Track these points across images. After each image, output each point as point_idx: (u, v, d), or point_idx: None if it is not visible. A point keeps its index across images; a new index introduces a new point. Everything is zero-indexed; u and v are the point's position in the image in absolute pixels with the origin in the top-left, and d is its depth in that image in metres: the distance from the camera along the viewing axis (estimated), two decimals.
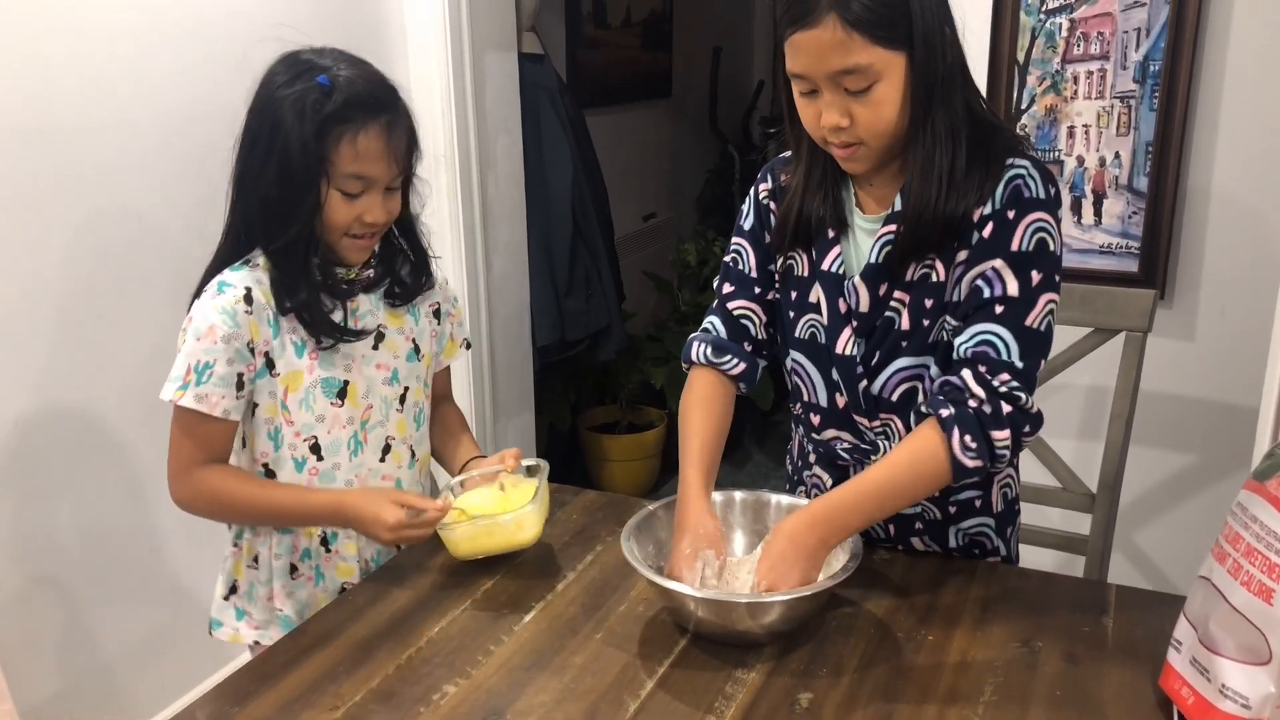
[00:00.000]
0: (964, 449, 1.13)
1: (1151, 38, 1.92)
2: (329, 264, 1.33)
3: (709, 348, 1.36)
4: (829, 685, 1.09)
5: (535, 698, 1.08)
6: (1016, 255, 1.16)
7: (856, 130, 1.15)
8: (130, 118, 1.89)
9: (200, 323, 1.27)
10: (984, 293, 1.17)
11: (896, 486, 1.18)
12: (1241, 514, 0.99)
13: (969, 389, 1.15)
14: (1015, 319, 1.16)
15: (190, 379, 1.26)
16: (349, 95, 1.24)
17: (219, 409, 1.27)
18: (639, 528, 1.24)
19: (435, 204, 2.54)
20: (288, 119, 1.23)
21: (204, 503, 1.33)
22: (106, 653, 1.98)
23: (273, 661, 1.16)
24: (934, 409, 1.15)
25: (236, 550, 1.41)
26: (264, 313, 1.29)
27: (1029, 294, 1.16)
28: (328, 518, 1.34)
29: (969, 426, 1.13)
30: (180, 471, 1.31)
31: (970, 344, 1.17)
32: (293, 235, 1.27)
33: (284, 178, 1.25)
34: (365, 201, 1.28)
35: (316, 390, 1.34)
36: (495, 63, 2.63)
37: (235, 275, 1.30)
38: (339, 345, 1.34)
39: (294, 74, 1.26)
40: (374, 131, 1.26)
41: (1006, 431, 1.14)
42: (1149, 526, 2.16)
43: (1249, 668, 0.96)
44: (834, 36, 1.09)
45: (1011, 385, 1.15)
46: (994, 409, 1.14)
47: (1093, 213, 2.03)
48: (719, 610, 1.13)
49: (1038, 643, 1.16)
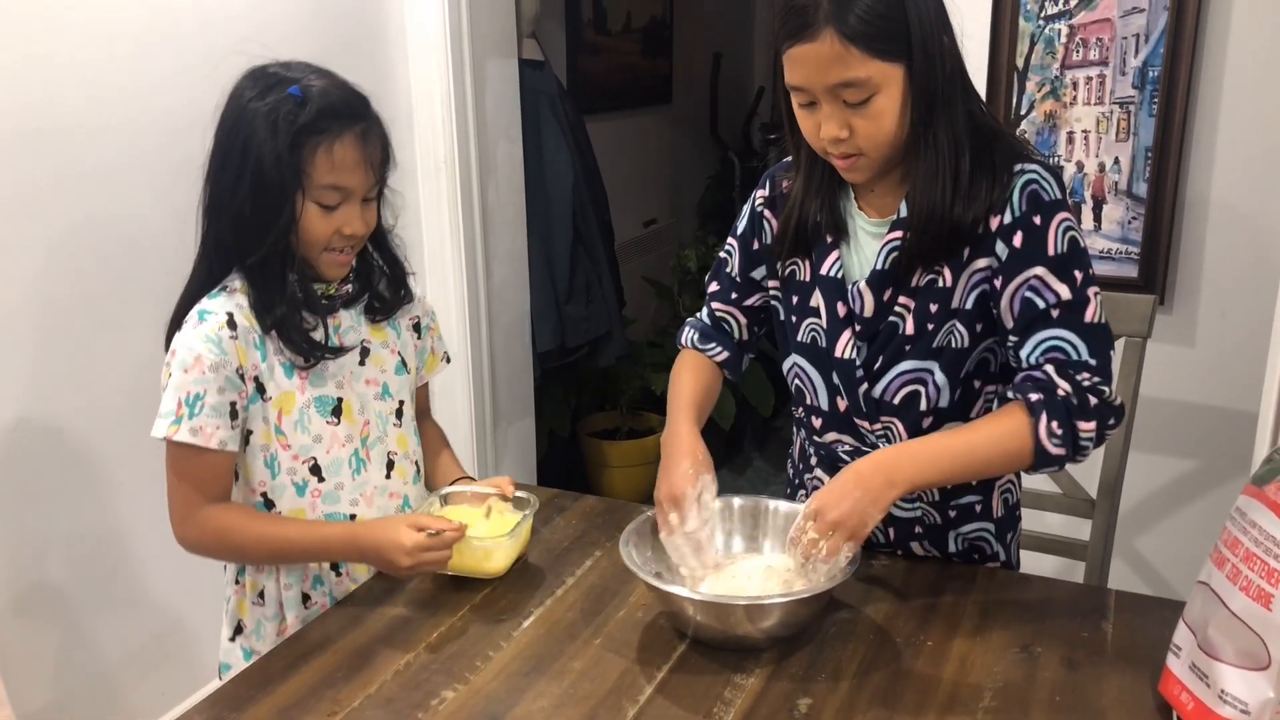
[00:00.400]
0: (1050, 435, 1.12)
1: (1150, 43, 1.92)
2: (307, 280, 1.30)
3: (696, 334, 1.44)
4: (828, 690, 1.09)
5: (534, 703, 1.08)
6: (1056, 259, 1.16)
7: (856, 141, 1.16)
8: (129, 121, 1.89)
9: (185, 354, 1.23)
10: (1037, 304, 1.17)
11: (975, 454, 1.16)
12: (1240, 519, 0.99)
13: (1055, 381, 1.14)
14: (1076, 320, 1.16)
15: (182, 413, 1.22)
16: (322, 105, 1.22)
17: (215, 440, 1.23)
18: (638, 533, 1.24)
19: (435, 210, 2.54)
20: (260, 132, 1.21)
21: (212, 544, 1.29)
22: (105, 660, 1.97)
23: (270, 668, 1.16)
24: (1021, 394, 1.14)
25: (239, 588, 1.37)
26: (249, 336, 1.26)
27: (1079, 293, 1.16)
28: (342, 550, 1.30)
29: (1058, 413, 1.13)
30: (184, 515, 1.27)
31: (1039, 353, 1.17)
32: (268, 251, 1.24)
33: (258, 192, 1.22)
34: (343, 213, 1.26)
35: (310, 410, 1.31)
36: (495, 69, 2.64)
37: (214, 303, 1.26)
38: (327, 363, 1.32)
39: (263, 87, 1.23)
40: (349, 141, 1.24)
41: (1093, 424, 1.14)
42: (1149, 532, 2.15)
43: (1248, 673, 0.96)
44: (832, 50, 1.10)
45: (1095, 381, 1.15)
46: (1080, 401, 1.13)
47: (1092, 218, 2.04)
48: (718, 614, 1.13)
49: (1037, 648, 1.15)
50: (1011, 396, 1.16)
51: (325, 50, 2.26)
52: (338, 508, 1.34)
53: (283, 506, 1.32)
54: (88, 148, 1.83)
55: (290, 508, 1.32)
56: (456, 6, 2.44)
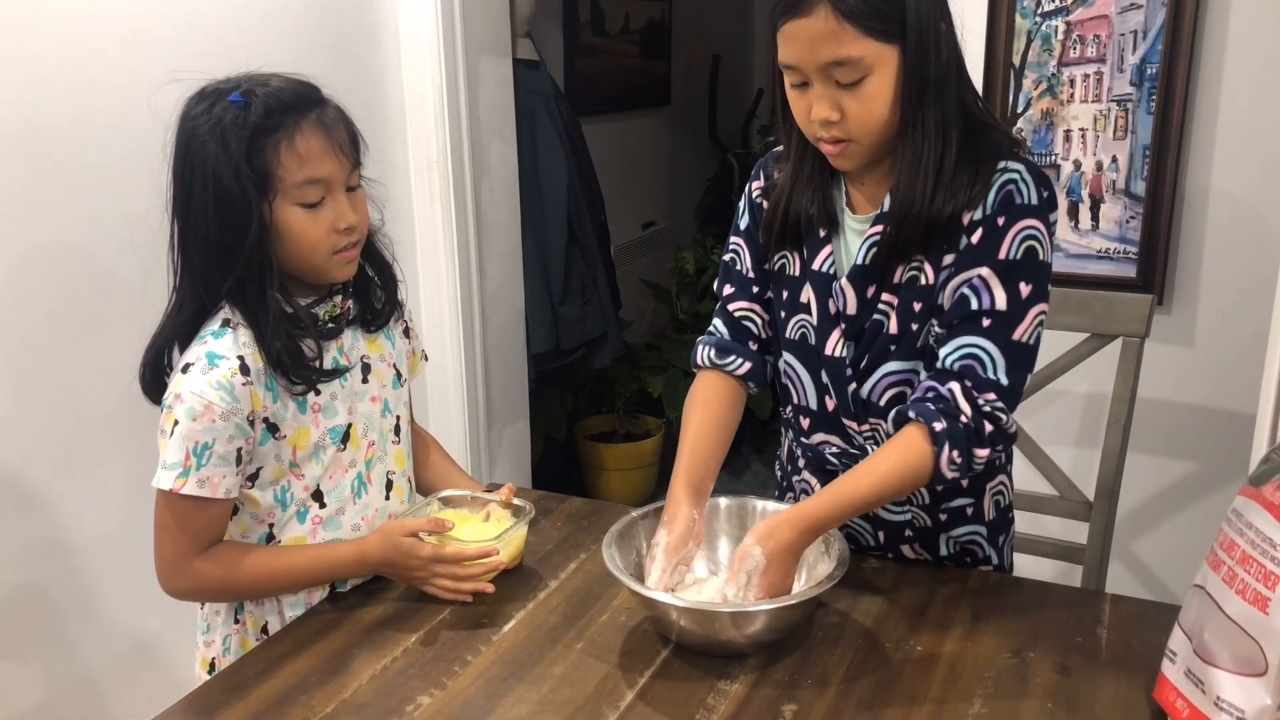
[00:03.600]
0: (950, 463, 1.13)
1: (1148, 40, 1.90)
2: (290, 297, 1.24)
3: (713, 350, 1.36)
4: (814, 696, 1.06)
5: (512, 709, 1.06)
6: (1005, 264, 1.14)
7: (846, 125, 1.13)
8: (124, 118, 1.87)
9: (194, 402, 1.16)
10: (971, 303, 1.15)
11: (881, 495, 1.17)
12: (1237, 520, 0.97)
13: (958, 405, 1.13)
14: (1003, 333, 1.14)
15: (190, 464, 1.16)
16: (269, 103, 1.17)
17: (221, 490, 1.19)
18: (621, 535, 1.21)
19: (428, 211, 2.52)
20: (211, 149, 1.16)
21: (214, 590, 1.25)
22: (91, 663, 1.95)
23: (244, 672, 1.14)
24: (926, 419, 1.13)
25: (239, 627, 1.30)
26: (262, 377, 1.20)
27: (1017, 307, 1.14)
28: (356, 570, 1.27)
29: (958, 442, 1.12)
30: (177, 563, 1.22)
31: (956, 356, 1.15)
32: (242, 271, 1.18)
33: (223, 211, 1.16)
34: (330, 208, 1.21)
35: (325, 440, 1.27)
36: (489, 69, 2.62)
37: (221, 344, 1.19)
38: (336, 389, 1.27)
39: (207, 104, 1.19)
40: (309, 130, 1.19)
41: (987, 450, 1.14)
42: (1147, 535, 2.13)
43: (1244, 679, 0.93)
44: (826, 26, 1.08)
45: (995, 405, 1.14)
46: (978, 427, 1.13)
47: (1090, 217, 2.01)
48: (702, 620, 1.10)
49: (1030, 653, 1.13)
50: (913, 417, 1.14)
51: (316, 48, 2.27)
52: (339, 533, 1.29)
53: (284, 536, 1.27)
54: (81, 146, 1.81)
55: (291, 536, 1.27)
56: (449, 5, 2.42)
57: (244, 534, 1.27)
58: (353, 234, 1.24)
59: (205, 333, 1.21)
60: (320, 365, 1.24)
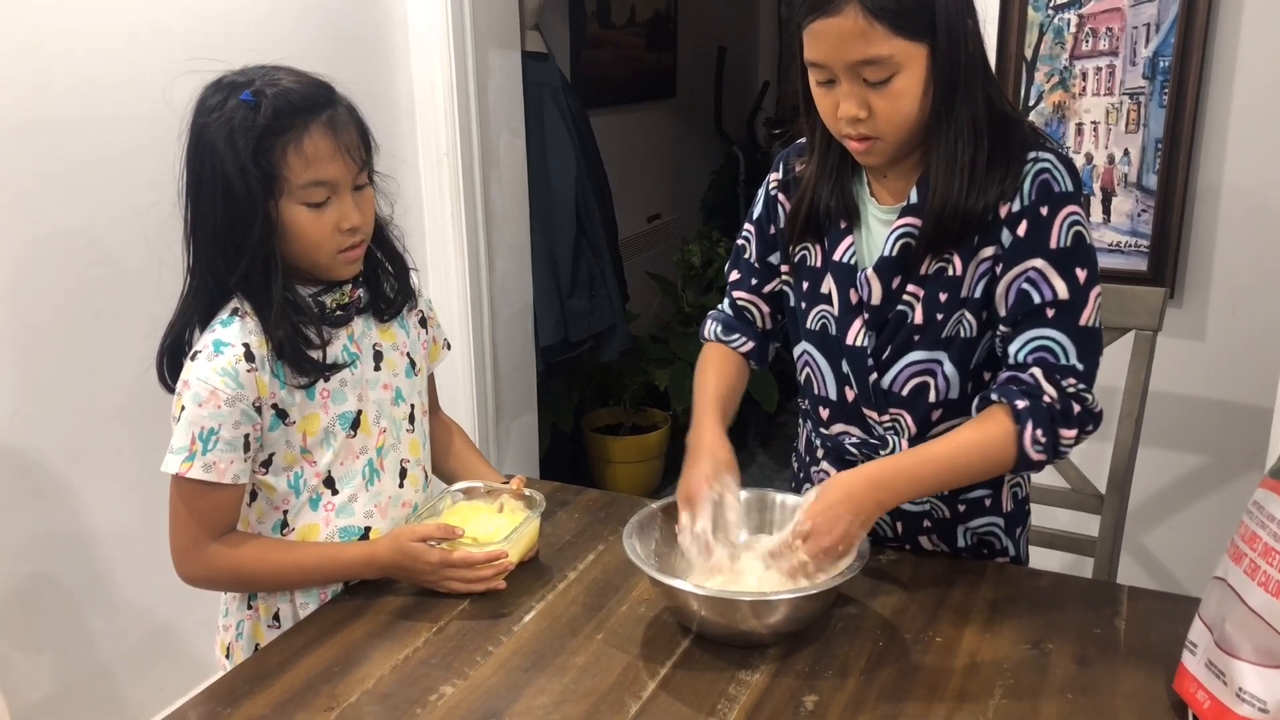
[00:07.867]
0: (1034, 443, 1.12)
1: (1161, 33, 1.90)
2: (296, 290, 1.25)
3: (720, 326, 1.42)
4: (834, 687, 1.07)
5: (534, 699, 1.06)
6: (1057, 253, 1.14)
7: (874, 123, 1.13)
8: (133, 111, 1.87)
9: (200, 387, 1.18)
10: (1033, 298, 1.15)
11: (959, 465, 1.16)
12: (1258, 513, 0.97)
13: (1041, 386, 1.13)
14: (1070, 321, 1.15)
15: (196, 448, 1.18)
16: (278, 105, 1.18)
17: (229, 475, 1.19)
18: (641, 526, 1.22)
19: (437, 203, 2.52)
20: (220, 146, 1.17)
21: (225, 580, 1.26)
22: (103, 655, 1.96)
23: (267, 661, 1.14)
24: (1008, 399, 1.13)
25: (252, 613, 1.31)
26: (268, 364, 1.21)
27: (1078, 294, 1.15)
28: (364, 571, 1.28)
29: (1042, 421, 1.12)
30: (190, 549, 1.23)
31: (1028, 350, 1.15)
32: (247, 266, 1.19)
33: (230, 207, 1.18)
34: (335, 208, 1.21)
35: (335, 426, 1.28)
36: (498, 61, 2.61)
37: (228, 332, 1.21)
38: (346, 375, 1.28)
39: (220, 99, 1.19)
40: (317, 133, 1.19)
41: (1074, 430, 1.14)
42: (1158, 528, 2.13)
43: (1267, 670, 0.93)
44: (855, 25, 1.08)
45: (1079, 387, 1.14)
46: (1064, 407, 1.13)
47: (1101, 210, 2.01)
48: (723, 609, 1.11)
49: (1048, 644, 1.13)
50: (996, 399, 1.15)
51: (325, 41, 2.26)
52: (352, 520, 1.30)
53: (298, 523, 1.28)
54: (90, 140, 1.81)
55: (305, 523, 1.28)
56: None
57: (259, 520, 1.28)
58: (356, 234, 1.25)
59: (215, 321, 1.23)
60: (324, 356, 1.26)
